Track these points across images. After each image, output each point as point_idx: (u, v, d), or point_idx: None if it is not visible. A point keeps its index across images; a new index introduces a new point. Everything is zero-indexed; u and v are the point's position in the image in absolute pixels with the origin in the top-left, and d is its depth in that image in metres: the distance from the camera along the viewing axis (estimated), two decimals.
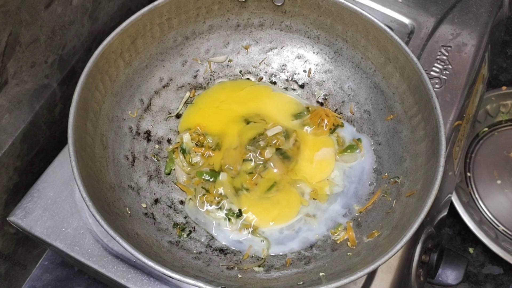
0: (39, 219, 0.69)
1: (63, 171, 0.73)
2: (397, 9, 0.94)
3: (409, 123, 0.70)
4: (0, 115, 0.66)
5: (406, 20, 0.93)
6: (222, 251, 0.68)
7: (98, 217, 0.56)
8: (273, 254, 0.68)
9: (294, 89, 0.82)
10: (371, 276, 0.71)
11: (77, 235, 0.69)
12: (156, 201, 0.71)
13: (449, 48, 0.89)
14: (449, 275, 0.76)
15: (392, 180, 0.70)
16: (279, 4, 0.78)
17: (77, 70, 0.79)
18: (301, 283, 0.60)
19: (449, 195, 1.00)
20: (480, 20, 0.93)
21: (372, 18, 0.71)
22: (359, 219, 0.70)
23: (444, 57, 0.88)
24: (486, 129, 1.20)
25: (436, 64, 0.87)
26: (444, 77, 0.86)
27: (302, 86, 0.82)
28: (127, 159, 0.72)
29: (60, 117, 0.79)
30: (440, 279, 0.77)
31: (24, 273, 0.84)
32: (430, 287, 0.91)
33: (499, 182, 1.14)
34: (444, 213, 0.94)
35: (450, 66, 0.87)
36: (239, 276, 0.64)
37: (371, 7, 0.77)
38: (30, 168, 0.76)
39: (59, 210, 0.70)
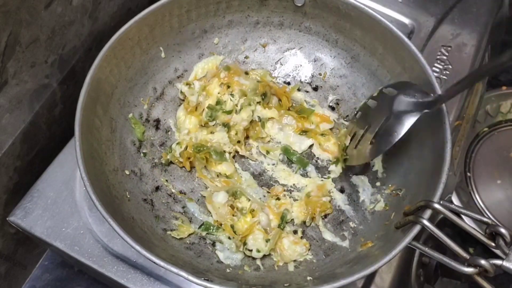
0: (39, 219, 0.69)
1: (63, 171, 0.73)
2: (397, 9, 0.94)
3: (418, 136, 0.69)
4: (0, 115, 0.66)
5: (406, 20, 0.93)
6: (215, 245, 0.68)
7: (93, 196, 0.57)
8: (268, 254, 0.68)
9: (307, 91, 0.82)
10: (371, 276, 0.72)
11: (77, 235, 0.69)
12: (157, 188, 0.72)
13: (449, 48, 0.89)
14: None
15: (394, 192, 0.70)
16: (300, 4, 0.78)
17: (77, 70, 0.78)
18: (287, 284, 0.61)
19: (449, 195, 1.00)
20: (480, 20, 0.93)
21: (391, 26, 0.70)
22: (356, 228, 0.70)
23: (444, 57, 0.88)
24: (486, 129, 1.20)
25: (436, 64, 0.87)
26: (444, 77, 0.86)
27: (315, 89, 0.82)
28: (134, 144, 0.73)
29: (60, 117, 0.79)
30: None
31: (24, 273, 0.84)
32: (430, 287, 0.91)
33: (499, 182, 1.14)
34: None
35: (450, 66, 0.87)
36: (228, 271, 0.65)
37: (371, 7, 0.77)
38: (30, 168, 0.76)
39: (59, 210, 0.70)
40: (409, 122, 0.64)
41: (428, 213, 0.56)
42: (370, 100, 0.72)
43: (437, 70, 0.87)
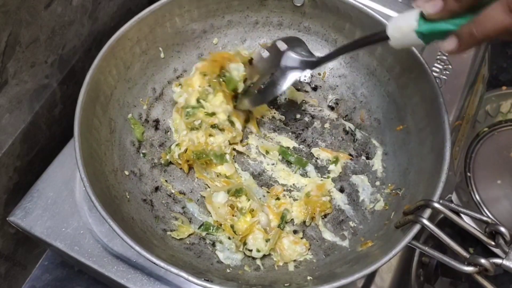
0: (39, 219, 0.69)
1: (63, 171, 0.73)
2: (397, 9, 0.94)
3: (418, 136, 0.69)
4: (0, 115, 0.66)
5: None
6: (215, 245, 0.68)
7: (92, 197, 0.57)
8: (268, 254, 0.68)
9: (306, 91, 0.82)
10: (371, 276, 0.71)
11: (77, 235, 0.69)
12: (157, 188, 0.72)
13: None
14: None
15: (394, 191, 0.70)
16: (299, 4, 0.78)
17: (77, 70, 0.79)
18: (288, 284, 0.61)
19: (449, 195, 1.00)
20: None
21: None
22: (356, 228, 0.70)
23: (444, 57, 0.88)
24: (486, 129, 1.20)
25: (436, 64, 0.87)
26: (444, 77, 0.86)
27: (314, 89, 0.82)
28: (133, 145, 0.73)
29: (60, 117, 0.79)
30: None
31: (24, 273, 0.84)
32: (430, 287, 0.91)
33: (499, 182, 1.14)
34: None
35: (450, 66, 0.87)
36: (228, 271, 0.65)
37: (370, 7, 0.77)
38: (30, 168, 0.76)
39: (59, 210, 0.70)
40: (292, 77, 0.69)
41: (428, 212, 0.56)
42: (264, 50, 0.74)
43: (437, 70, 0.87)
